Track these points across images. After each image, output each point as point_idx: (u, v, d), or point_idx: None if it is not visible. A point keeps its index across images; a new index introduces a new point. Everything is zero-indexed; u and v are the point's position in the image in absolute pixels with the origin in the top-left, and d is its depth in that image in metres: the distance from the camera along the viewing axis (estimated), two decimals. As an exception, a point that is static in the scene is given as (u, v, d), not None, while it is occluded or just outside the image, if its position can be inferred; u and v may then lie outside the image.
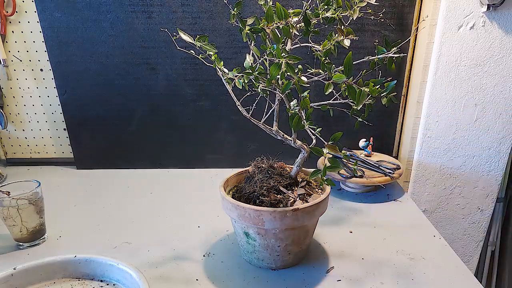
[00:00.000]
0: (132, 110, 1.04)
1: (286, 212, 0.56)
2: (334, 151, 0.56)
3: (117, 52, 0.97)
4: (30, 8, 0.96)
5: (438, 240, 0.73)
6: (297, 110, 0.58)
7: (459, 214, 1.04)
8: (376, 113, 1.03)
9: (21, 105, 1.06)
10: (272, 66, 0.52)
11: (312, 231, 0.66)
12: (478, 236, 1.07)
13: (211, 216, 0.82)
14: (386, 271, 0.63)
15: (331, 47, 0.55)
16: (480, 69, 0.89)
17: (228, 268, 0.65)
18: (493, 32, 0.85)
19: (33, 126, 1.09)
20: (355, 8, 0.59)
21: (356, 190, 0.94)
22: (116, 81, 1.01)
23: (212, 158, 1.10)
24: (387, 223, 0.80)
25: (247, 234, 0.61)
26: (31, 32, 0.98)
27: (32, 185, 0.70)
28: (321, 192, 0.65)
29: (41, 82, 1.04)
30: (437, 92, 0.92)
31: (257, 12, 0.92)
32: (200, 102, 1.03)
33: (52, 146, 1.12)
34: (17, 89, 1.04)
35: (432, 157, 0.99)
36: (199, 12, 0.93)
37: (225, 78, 0.61)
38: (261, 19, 0.58)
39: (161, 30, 0.95)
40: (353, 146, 1.05)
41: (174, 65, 0.99)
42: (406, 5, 0.92)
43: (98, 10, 0.93)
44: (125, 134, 1.07)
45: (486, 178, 1.00)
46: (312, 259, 0.67)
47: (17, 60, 1.01)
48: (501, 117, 0.93)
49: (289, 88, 0.55)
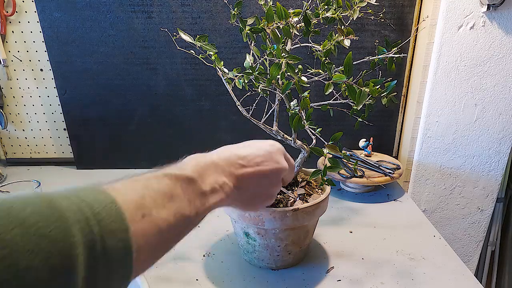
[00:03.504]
0: (132, 110, 1.04)
1: (286, 212, 0.56)
2: (334, 151, 0.56)
3: (117, 52, 0.97)
4: (30, 8, 0.96)
5: (438, 240, 0.73)
6: (297, 110, 0.58)
7: (459, 214, 1.04)
8: (376, 113, 1.03)
9: (21, 105, 1.06)
10: (272, 66, 0.52)
11: (312, 231, 0.66)
12: (478, 236, 1.07)
13: (211, 216, 0.81)
14: (386, 271, 0.63)
15: (331, 47, 0.55)
16: (480, 69, 0.89)
17: (228, 268, 0.65)
18: (493, 32, 0.85)
19: (33, 126, 1.09)
20: (355, 8, 0.59)
21: (356, 190, 0.94)
22: (116, 81, 1.01)
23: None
24: (387, 223, 0.80)
25: (247, 234, 0.61)
26: (31, 32, 0.98)
27: (32, 185, 0.70)
28: (321, 192, 0.65)
29: (41, 82, 1.04)
30: (437, 92, 0.92)
31: (257, 12, 0.92)
32: (200, 102, 1.03)
33: (52, 146, 1.12)
34: (17, 89, 1.04)
35: (432, 157, 0.99)
36: (199, 12, 0.93)
37: (225, 78, 0.61)
38: (261, 19, 0.58)
39: (161, 30, 0.95)
40: (353, 146, 1.05)
41: (174, 65, 0.99)
42: (406, 5, 0.92)
43: (98, 10, 0.93)
44: (125, 134, 1.07)
45: (486, 178, 1.00)
46: (312, 259, 0.67)
47: (17, 60, 1.01)
48: (501, 117, 0.93)
49: (289, 88, 0.55)
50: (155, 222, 0.28)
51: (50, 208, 0.22)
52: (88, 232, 0.23)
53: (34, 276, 0.19)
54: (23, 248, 0.19)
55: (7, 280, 0.19)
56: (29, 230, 0.20)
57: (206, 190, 0.35)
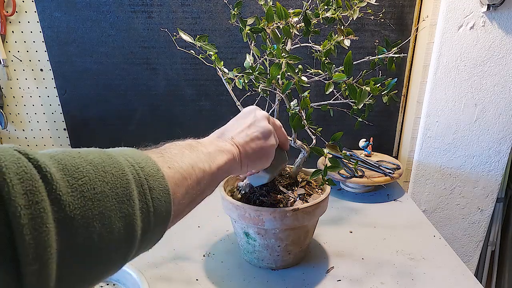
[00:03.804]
0: (132, 110, 1.04)
1: (286, 212, 0.56)
2: (334, 151, 0.56)
3: (117, 52, 0.97)
4: (30, 8, 0.95)
5: (438, 240, 0.73)
6: (297, 110, 0.58)
7: (459, 214, 1.04)
8: (376, 113, 1.03)
9: (21, 105, 1.06)
10: (272, 66, 0.52)
11: (312, 231, 0.66)
12: (478, 236, 1.07)
13: (211, 216, 0.82)
14: (386, 271, 0.63)
15: (331, 47, 0.55)
16: (480, 69, 0.89)
17: (228, 268, 0.65)
18: (493, 32, 0.85)
19: (33, 126, 1.09)
20: (355, 8, 0.59)
21: (356, 190, 0.94)
22: (116, 81, 1.01)
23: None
24: (387, 223, 0.80)
25: (247, 234, 0.61)
26: (31, 32, 0.98)
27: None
28: (321, 192, 0.65)
29: (41, 82, 1.04)
30: (437, 92, 0.92)
31: (257, 12, 0.92)
32: (200, 102, 1.03)
33: (52, 146, 1.12)
34: (17, 89, 1.04)
35: (432, 157, 0.99)
36: (199, 12, 0.93)
37: (225, 78, 0.61)
38: (261, 19, 0.58)
39: (161, 30, 0.95)
40: (353, 146, 1.05)
41: (174, 65, 0.99)
42: (406, 5, 0.92)
43: (98, 10, 0.93)
44: (125, 134, 1.07)
45: (486, 178, 1.00)
46: (312, 259, 0.67)
47: (17, 60, 1.01)
48: (501, 117, 0.93)
49: (289, 88, 0.55)
50: (178, 171, 0.34)
51: (106, 155, 0.29)
52: (136, 174, 0.29)
53: (106, 201, 0.26)
54: (96, 178, 0.26)
55: (90, 199, 0.25)
56: (97, 168, 0.27)
57: (210, 151, 0.41)
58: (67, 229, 0.23)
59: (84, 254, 0.25)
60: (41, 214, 0.22)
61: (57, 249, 0.23)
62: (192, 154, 0.38)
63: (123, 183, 0.27)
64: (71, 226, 0.23)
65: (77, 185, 0.24)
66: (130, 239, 0.28)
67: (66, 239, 0.23)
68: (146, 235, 0.30)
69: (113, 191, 0.27)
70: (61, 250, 0.23)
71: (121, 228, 0.27)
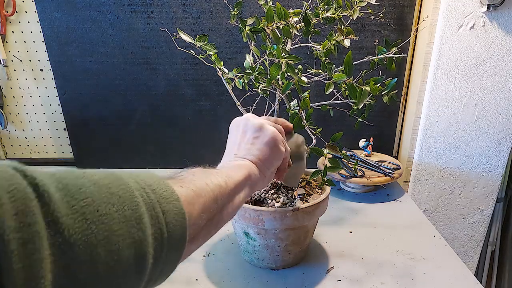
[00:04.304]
0: (132, 110, 1.04)
1: (286, 212, 0.56)
2: (334, 151, 0.56)
3: (117, 52, 0.97)
4: (30, 8, 0.96)
5: (438, 240, 0.73)
6: (297, 110, 0.58)
7: (459, 214, 1.04)
8: (376, 113, 1.03)
9: (21, 105, 1.06)
10: (272, 66, 0.52)
11: (312, 231, 0.66)
12: (478, 236, 1.07)
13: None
14: (386, 271, 0.63)
15: (331, 47, 0.55)
16: (480, 69, 0.89)
17: (228, 268, 0.65)
18: (493, 32, 0.85)
19: (33, 126, 1.09)
20: (355, 8, 0.59)
21: (356, 190, 0.94)
22: (116, 81, 1.01)
23: (212, 158, 1.10)
24: (387, 223, 0.80)
25: (247, 234, 0.61)
26: (31, 32, 0.98)
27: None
28: (321, 192, 0.65)
29: (41, 82, 1.04)
30: (437, 92, 0.92)
31: (257, 12, 0.92)
32: (200, 102, 1.03)
33: (52, 146, 1.12)
34: (17, 89, 1.04)
35: (432, 157, 0.99)
36: (199, 12, 0.93)
37: (225, 78, 0.61)
38: (261, 19, 0.58)
39: (161, 30, 0.95)
40: (353, 146, 1.05)
41: (174, 65, 0.99)
42: (406, 5, 0.92)
43: (98, 10, 0.93)
44: (125, 134, 1.07)
45: (486, 178, 1.00)
46: (312, 259, 0.67)
47: (17, 60, 1.01)
48: (501, 117, 0.93)
49: (289, 88, 0.55)
50: (191, 188, 0.33)
51: (114, 176, 0.26)
52: (147, 197, 0.27)
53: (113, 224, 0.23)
54: (100, 201, 0.23)
55: (93, 222, 0.22)
56: (102, 189, 0.24)
57: (223, 170, 0.41)
58: (65, 256, 0.20)
59: (86, 287, 0.22)
60: (34, 239, 0.19)
61: (52, 281, 0.20)
62: (204, 174, 0.37)
63: (131, 205, 0.25)
64: (71, 253, 0.20)
65: (78, 207, 0.22)
66: (139, 269, 0.25)
67: (64, 269, 0.20)
68: (158, 264, 0.27)
69: (120, 213, 0.24)
70: (58, 282, 0.20)
71: (130, 256, 0.24)
